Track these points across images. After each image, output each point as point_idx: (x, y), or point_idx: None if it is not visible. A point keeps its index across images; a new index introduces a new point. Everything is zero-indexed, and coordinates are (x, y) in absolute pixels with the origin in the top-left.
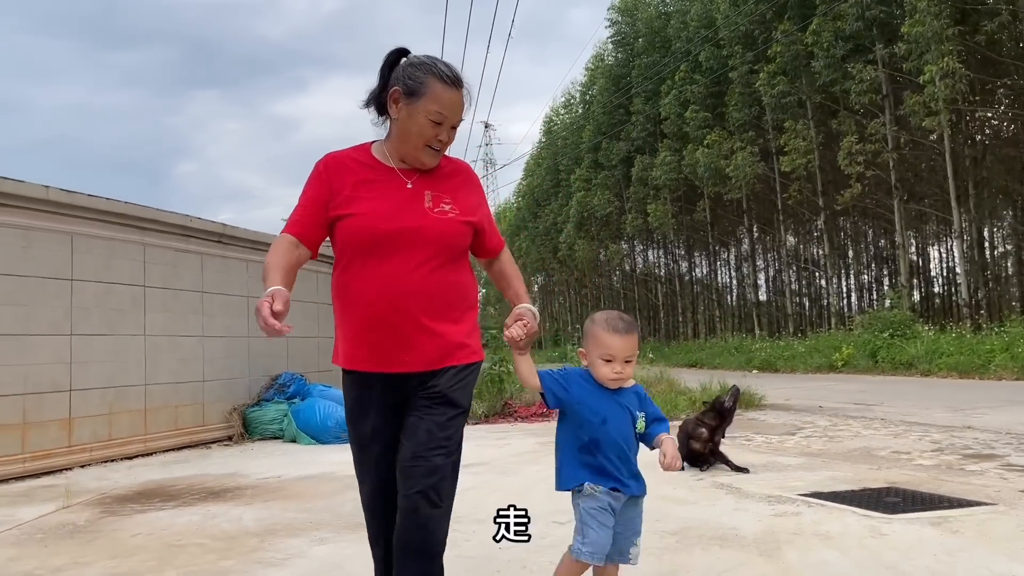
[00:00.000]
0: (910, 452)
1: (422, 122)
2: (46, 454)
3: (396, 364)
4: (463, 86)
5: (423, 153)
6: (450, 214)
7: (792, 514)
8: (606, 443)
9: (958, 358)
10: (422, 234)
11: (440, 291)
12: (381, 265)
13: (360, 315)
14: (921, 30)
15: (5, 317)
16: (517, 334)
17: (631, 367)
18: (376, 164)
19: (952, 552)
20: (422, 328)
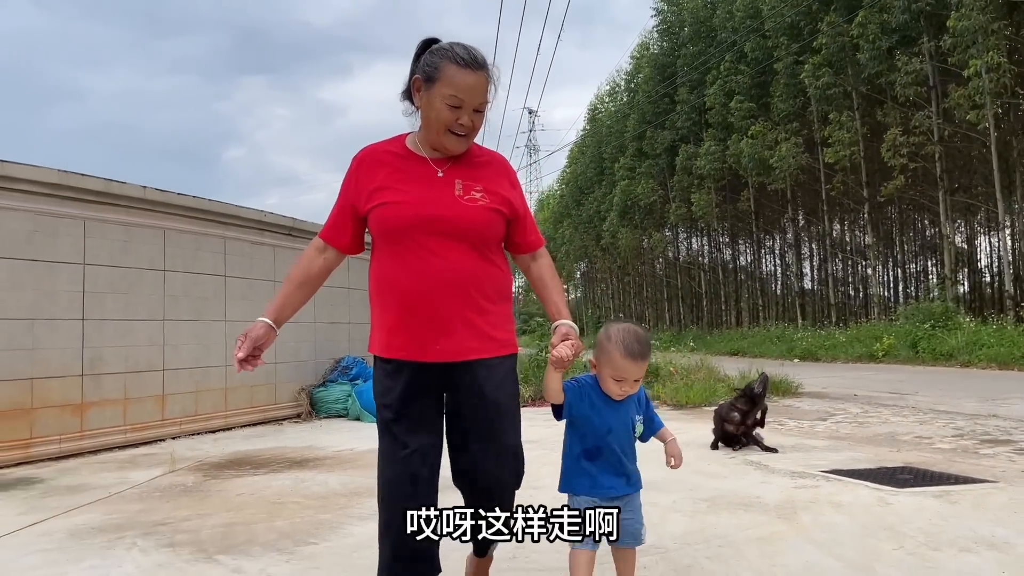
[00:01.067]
0: (931, 437)
1: (439, 106)
2: (144, 426)
3: (432, 353)
4: (482, 68)
5: (446, 139)
6: (480, 201)
7: (811, 487)
8: (607, 450)
9: (998, 349)
10: (453, 222)
11: (475, 280)
12: (415, 253)
13: (394, 303)
14: (967, 24)
15: (110, 304)
16: (566, 354)
17: (638, 385)
18: (408, 154)
19: (946, 518)
20: (458, 316)
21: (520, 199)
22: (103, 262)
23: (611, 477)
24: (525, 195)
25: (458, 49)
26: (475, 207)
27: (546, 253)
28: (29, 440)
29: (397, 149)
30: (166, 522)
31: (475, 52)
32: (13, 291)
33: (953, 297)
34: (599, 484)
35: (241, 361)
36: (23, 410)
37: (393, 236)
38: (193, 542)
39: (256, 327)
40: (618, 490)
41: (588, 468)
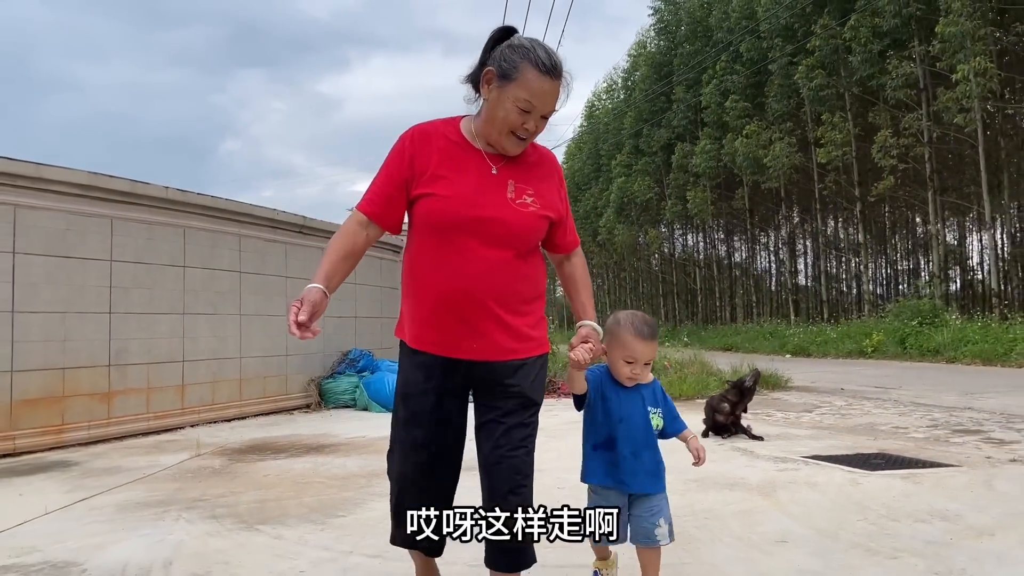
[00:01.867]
0: (908, 427)
1: (509, 107)
2: (165, 414)
3: (464, 351)
4: (561, 76)
5: (506, 140)
6: (531, 207)
7: (791, 470)
8: (621, 440)
9: (983, 346)
10: (502, 225)
11: (513, 282)
12: (457, 250)
13: (431, 298)
14: (955, 30)
15: (135, 298)
16: (583, 357)
17: (648, 369)
18: (464, 143)
19: (908, 495)
20: (493, 317)
21: (565, 200)
22: (128, 259)
23: (628, 469)
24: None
25: (540, 52)
26: (526, 213)
27: (581, 252)
28: (61, 426)
29: (452, 134)
30: (203, 498)
31: (555, 57)
32: (48, 286)
33: (942, 295)
34: (615, 476)
35: (300, 325)
36: (55, 398)
37: (438, 230)
38: (233, 515)
39: (311, 291)
40: (635, 485)
41: (604, 457)
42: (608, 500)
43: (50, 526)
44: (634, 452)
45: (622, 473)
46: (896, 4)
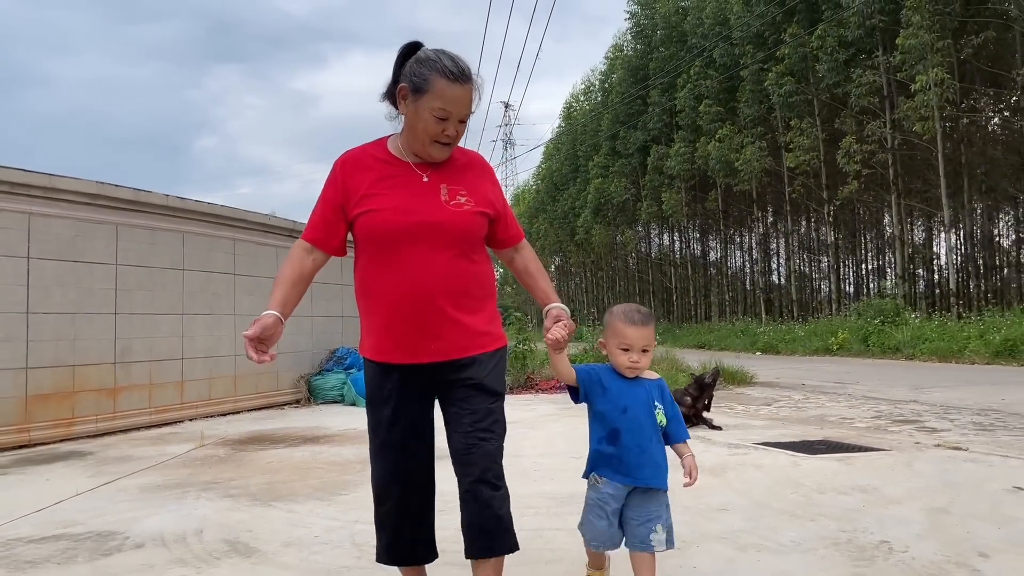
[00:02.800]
0: (854, 418)
1: (427, 118)
2: (166, 409)
3: (423, 354)
4: (470, 80)
5: (431, 148)
6: (466, 206)
7: (742, 454)
8: (626, 432)
9: (939, 343)
10: (440, 227)
11: (460, 281)
12: (402, 259)
13: (384, 308)
14: (914, 42)
15: (138, 300)
16: (561, 335)
17: (648, 357)
18: (392, 159)
19: (838, 474)
20: (446, 318)
21: (500, 197)
22: (132, 262)
23: (635, 463)
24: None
25: (446, 61)
26: (461, 212)
27: (528, 244)
28: (72, 419)
29: (380, 154)
30: (216, 482)
31: (462, 64)
32: (59, 288)
33: (905, 294)
34: (620, 468)
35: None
36: (66, 393)
37: (380, 243)
38: (246, 494)
39: (264, 316)
40: (641, 478)
41: (610, 451)
42: (604, 498)
43: (84, 504)
44: (639, 444)
45: (627, 467)
46: (860, 16)
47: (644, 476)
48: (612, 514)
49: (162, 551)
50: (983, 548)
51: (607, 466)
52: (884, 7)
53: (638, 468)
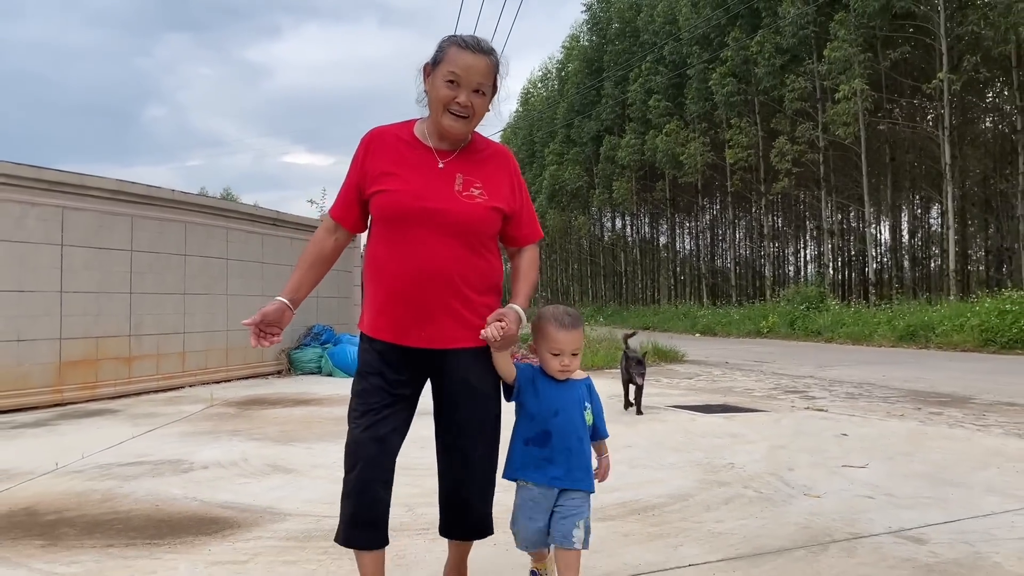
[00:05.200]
0: (754, 389)
1: (439, 84)
2: (170, 376)
3: (413, 338)
4: (485, 52)
5: (444, 117)
6: (478, 199)
7: (653, 413)
8: (556, 434)
9: (853, 328)
10: (447, 216)
11: (461, 273)
12: (407, 240)
13: (384, 287)
14: (839, 54)
15: (148, 281)
16: (492, 335)
17: (577, 360)
18: (415, 142)
19: (720, 426)
20: (442, 305)
21: (520, 194)
22: (144, 249)
23: (564, 465)
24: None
25: (464, 35)
26: (472, 204)
27: (533, 248)
28: (95, 383)
29: (404, 135)
30: (238, 430)
31: (481, 40)
32: (86, 271)
33: (831, 282)
34: (548, 472)
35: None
36: (91, 361)
37: (389, 223)
38: (267, 438)
39: (270, 304)
40: (568, 481)
41: (536, 455)
42: (536, 498)
43: (142, 444)
44: (568, 447)
45: (555, 468)
46: (795, 25)
47: (572, 479)
48: (544, 513)
49: (223, 470)
50: (793, 466)
51: (535, 468)
52: (815, 19)
53: (567, 471)
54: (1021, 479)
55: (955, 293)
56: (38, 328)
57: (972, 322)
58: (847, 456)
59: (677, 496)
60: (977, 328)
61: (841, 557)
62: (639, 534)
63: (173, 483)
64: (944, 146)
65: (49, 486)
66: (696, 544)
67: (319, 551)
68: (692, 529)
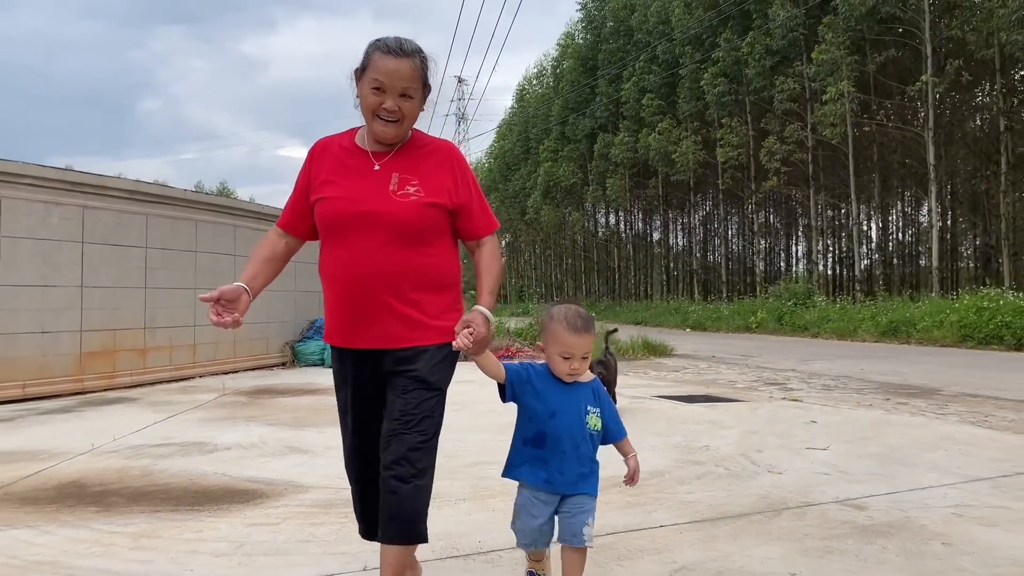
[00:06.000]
0: (737, 381)
1: (366, 92)
2: (182, 367)
3: (361, 340)
4: (407, 55)
5: (375, 123)
6: (412, 196)
7: (639, 402)
8: (553, 437)
9: (839, 323)
10: (382, 217)
11: (402, 272)
12: (346, 246)
13: (332, 293)
14: (827, 57)
15: (161, 277)
16: (463, 344)
17: (587, 363)
18: (354, 148)
19: (701, 414)
20: (384, 306)
21: (464, 187)
22: (157, 246)
23: (558, 469)
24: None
25: (387, 39)
26: (406, 203)
27: (490, 240)
28: (113, 373)
29: (346, 143)
30: (253, 417)
31: (403, 41)
32: (104, 267)
33: (819, 278)
34: (542, 474)
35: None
36: (109, 352)
37: (329, 230)
38: (281, 423)
39: (228, 285)
40: (563, 486)
41: (532, 455)
42: (538, 499)
43: (165, 429)
44: (564, 451)
45: (550, 471)
46: (784, 28)
47: (567, 483)
48: (545, 511)
49: (245, 451)
50: (762, 448)
51: (530, 468)
52: (805, 22)
53: (560, 474)
54: (963, 459)
55: (938, 290)
56: (61, 321)
57: (951, 319)
58: (812, 440)
59: (655, 472)
60: (956, 324)
61: (791, 520)
62: (618, 502)
63: (201, 461)
64: (928, 147)
65: (89, 464)
66: (668, 511)
67: (341, 515)
68: (666, 499)
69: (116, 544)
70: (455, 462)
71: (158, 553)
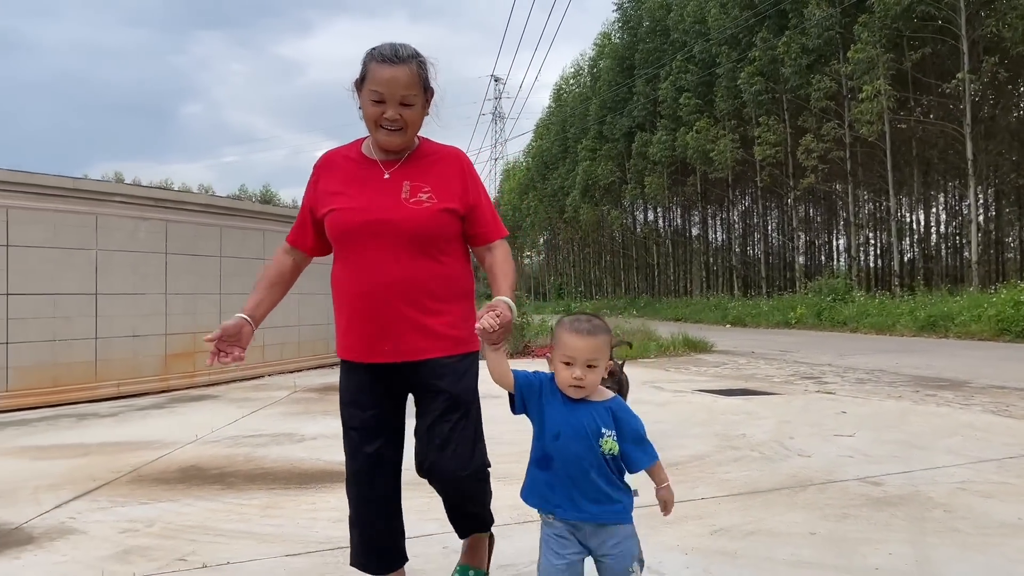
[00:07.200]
0: (774, 376)
1: (366, 102)
2: (252, 366)
3: (379, 354)
4: (403, 61)
5: (378, 135)
6: (426, 203)
7: (680, 396)
8: (558, 460)
9: (878, 318)
10: (397, 225)
11: (419, 281)
12: (360, 257)
13: (346, 306)
14: (863, 56)
15: (234, 283)
16: (488, 324)
17: (595, 374)
18: (361, 158)
19: (738, 406)
20: (402, 317)
21: (474, 191)
22: (230, 255)
23: (565, 495)
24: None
25: (382, 46)
26: (420, 209)
27: (502, 244)
28: (193, 373)
29: (352, 154)
30: (327, 411)
31: (399, 47)
32: (185, 275)
33: (858, 273)
34: (549, 500)
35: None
36: (189, 353)
37: (342, 241)
38: None
39: (230, 320)
40: (571, 513)
41: (538, 478)
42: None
43: (252, 422)
44: (570, 475)
45: (557, 497)
46: (820, 27)
47: (576, 511)
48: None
49: (330, 440)
50: (793, 435)
51: (539, 493)
52: (840, 21)
53: (568, 500)
54: (976, 444)
55: (977, 284)
56: (149, 325)
57: (989, 312)
58: (841, 428)
59: (696, 457)
60: (993, 318)
61: (815, 494)
62: None
63: (295, 448)
64: (967, 142)
65: (199, 451)
66: (708, 487)
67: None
68: (706, 477)
69: (247, 513)
70: (511, 449)
71: (284, 519)
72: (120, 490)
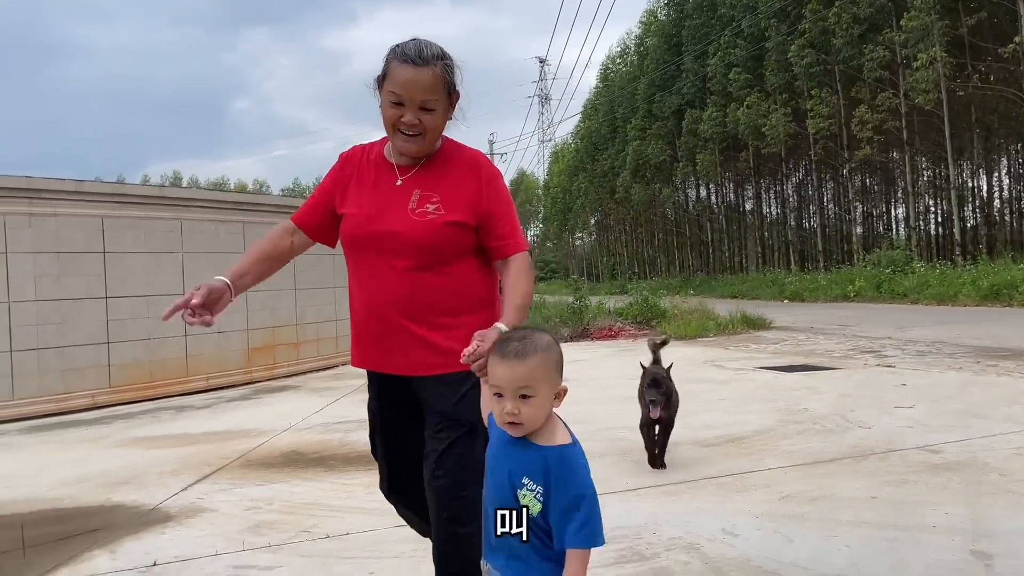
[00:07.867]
0: (834, 350)
1: (385, 104)
2: (327, 357)
3: (387, 367)
4: (426, 63)
5: (396, 138)
6: (431, 215)
7: (742, 373)
8: (484, 502)
9: (939, 289)
10: (400, 238)
11: (423, 295)
12: (365, 267)
13: (354, 317)
14: (916, 24)
15: (308, 278)
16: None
17: (532, 406)
18: (380, 160)
19: (800, 381)
20: (406, 332)
21: (490, 200)
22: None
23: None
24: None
25: (405, 44)
26: (424, 222)
27: (517, 259)
28: (273, 365)
29: (374, 154)
30: None
31: (424, 47)
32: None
33: (917, 243)
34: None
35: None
36: (269, 346)
37: (351, 250)
38: None
39: (216, 283)
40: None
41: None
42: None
43: (338, 409)
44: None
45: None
46: None
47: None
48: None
49: None
50: (854, 408)
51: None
52: None
53: (491, 549)
54: None
55: None
56: (232, 321)
57: None
58: (900, 400)
59: (761, 431)
60: None
61: (876, 462)
62: (734, 453)
63: None
64: None
65: (295, 438)
66: (774, 458)
67: None
68: (771, 449)
69: (354, 491)
70: (588, 427)
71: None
72: (234, 474)
